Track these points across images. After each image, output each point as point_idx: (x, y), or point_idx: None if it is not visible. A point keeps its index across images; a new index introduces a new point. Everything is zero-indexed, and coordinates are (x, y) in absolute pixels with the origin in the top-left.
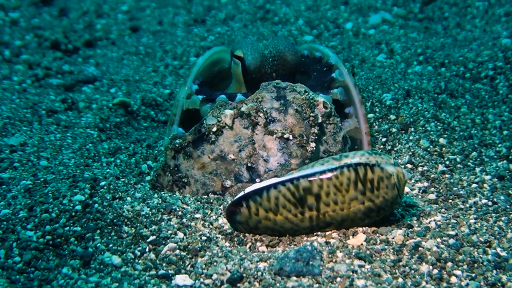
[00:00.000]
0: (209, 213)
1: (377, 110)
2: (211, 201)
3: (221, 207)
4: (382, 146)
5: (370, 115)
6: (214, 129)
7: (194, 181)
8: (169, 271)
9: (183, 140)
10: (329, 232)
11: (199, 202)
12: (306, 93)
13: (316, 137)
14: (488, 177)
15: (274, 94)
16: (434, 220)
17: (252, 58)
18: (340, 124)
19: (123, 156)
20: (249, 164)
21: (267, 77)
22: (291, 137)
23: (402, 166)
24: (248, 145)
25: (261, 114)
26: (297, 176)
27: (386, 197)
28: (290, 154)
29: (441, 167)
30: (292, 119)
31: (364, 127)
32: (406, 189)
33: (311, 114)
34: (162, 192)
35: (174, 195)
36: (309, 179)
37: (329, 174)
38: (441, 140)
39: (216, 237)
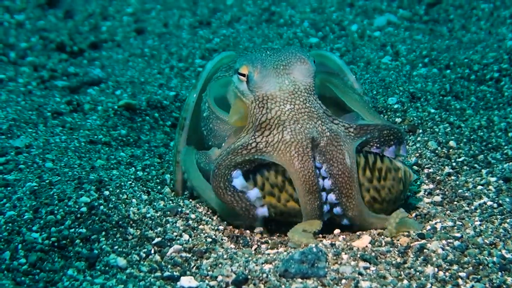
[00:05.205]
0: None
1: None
2: None
3: None
4: None
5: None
6: None
7: None
8: (175, 273)
9: None
10: (335, 233)
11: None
12: None
13: None
14: (493, 179)
15: None
16: (439, 222)
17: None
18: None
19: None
20: None
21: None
22: None
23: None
24: None
25: None
26: None
27: (391, 190)
28: None
29: (447, 169)
30: None
31: None
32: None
33: None
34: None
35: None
36: None
37: None
38: (450, 143)
39: (222, 239)
